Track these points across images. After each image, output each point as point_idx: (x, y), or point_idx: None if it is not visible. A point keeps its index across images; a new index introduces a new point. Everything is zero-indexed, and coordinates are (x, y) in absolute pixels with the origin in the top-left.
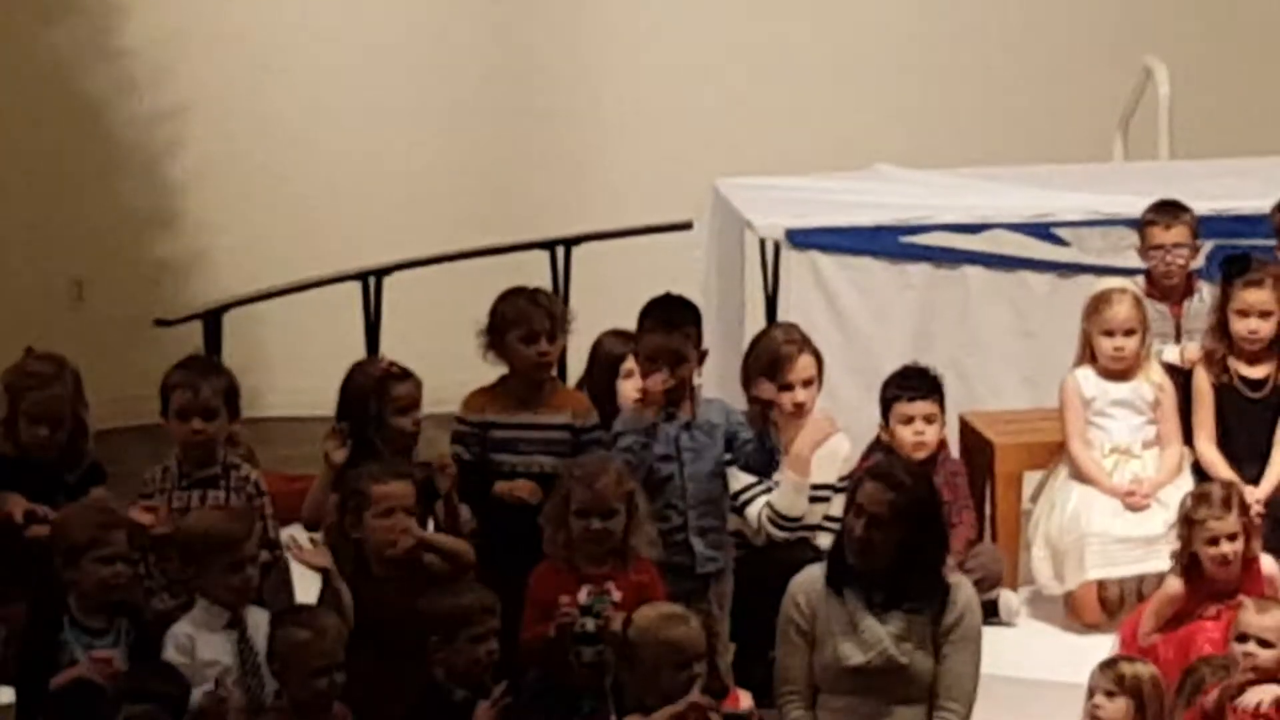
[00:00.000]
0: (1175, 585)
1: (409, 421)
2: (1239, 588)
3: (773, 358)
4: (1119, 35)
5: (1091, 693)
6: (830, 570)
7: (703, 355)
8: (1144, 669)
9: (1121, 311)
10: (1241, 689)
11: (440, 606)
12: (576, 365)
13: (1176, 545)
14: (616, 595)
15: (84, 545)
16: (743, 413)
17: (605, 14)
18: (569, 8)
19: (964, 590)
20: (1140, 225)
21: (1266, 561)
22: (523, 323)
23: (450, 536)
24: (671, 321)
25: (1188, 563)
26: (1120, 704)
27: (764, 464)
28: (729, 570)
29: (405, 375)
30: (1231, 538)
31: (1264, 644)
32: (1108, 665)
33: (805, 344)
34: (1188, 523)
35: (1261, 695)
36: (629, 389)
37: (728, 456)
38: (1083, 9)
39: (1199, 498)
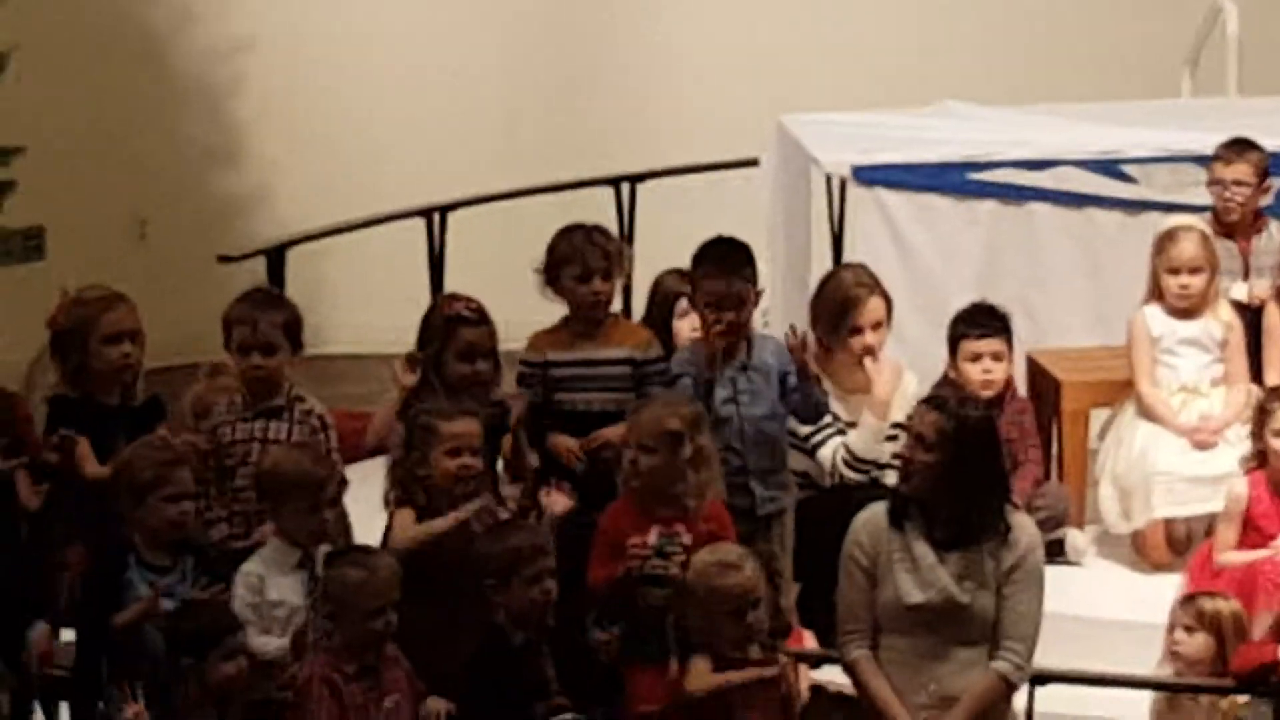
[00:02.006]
0: (1241, 485)
1: (469, 368)
2: None
3: (843, 300)
4: None
5: (1171, 628)
6: (892, 507)
7: (758, 295)
8: (1225, 604)
9: (1188, 249)
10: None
11: (493, 549)
12: (641, 302)
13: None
14: (687, 538)
15: (149, 484)
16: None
17: None
18: None
19: (1027, 529)
20: (1207, 164)
21: None
22: (577, 260)
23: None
24: (729, 266)
25: (1256, 463)
26: (1200, 640)
27: (810, 412)
28: (790, 511)
29: (478, 320)
30: None
31: None
32: (1188, 600)
33: (875, 286)
34: (1260, 413)
35: None
36: (685, 328)
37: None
38: None
39: (1273, 392)
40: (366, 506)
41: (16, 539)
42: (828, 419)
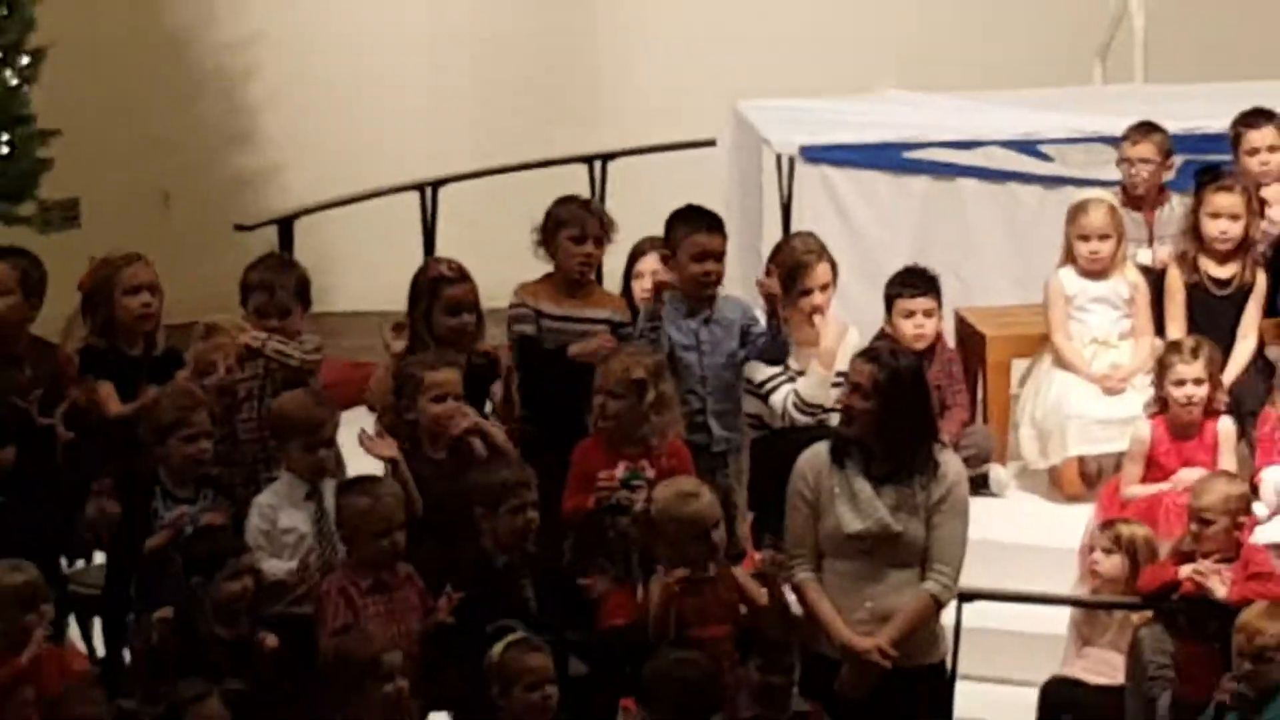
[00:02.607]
0: (1145, 428)
1: (455, 321)
2: (1199, 435)
3: (793, 265)
4: None
5: (1090, 549)
6: (834, 445)
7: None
8: (1139, 529)
9: (1097, 218)
10: (1191, 555)
11: (482, 481)
12: (611, 267)
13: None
14: (650, 472)
15: (171, 425)
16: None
17: None
18: None
19: (953, 465)
20: (1116, 144)
21: (1224, 422)
22: (575, 224)
23: (497, 427)
24: (713, 225)
25: (1158, 408)
26: (1115, 560)
27: (778, 352)
28: (744, 448)
29: (459, 279)
30: (1197, 382)
31: (1205, 522)
32: (1106, 525)
33: (822, 253)
34: (1160, 366)
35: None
36: (639, 289)
37: (743, 352)
38: None
39: (1171, 346)
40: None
41: (55, 478)
42: (779, 369)
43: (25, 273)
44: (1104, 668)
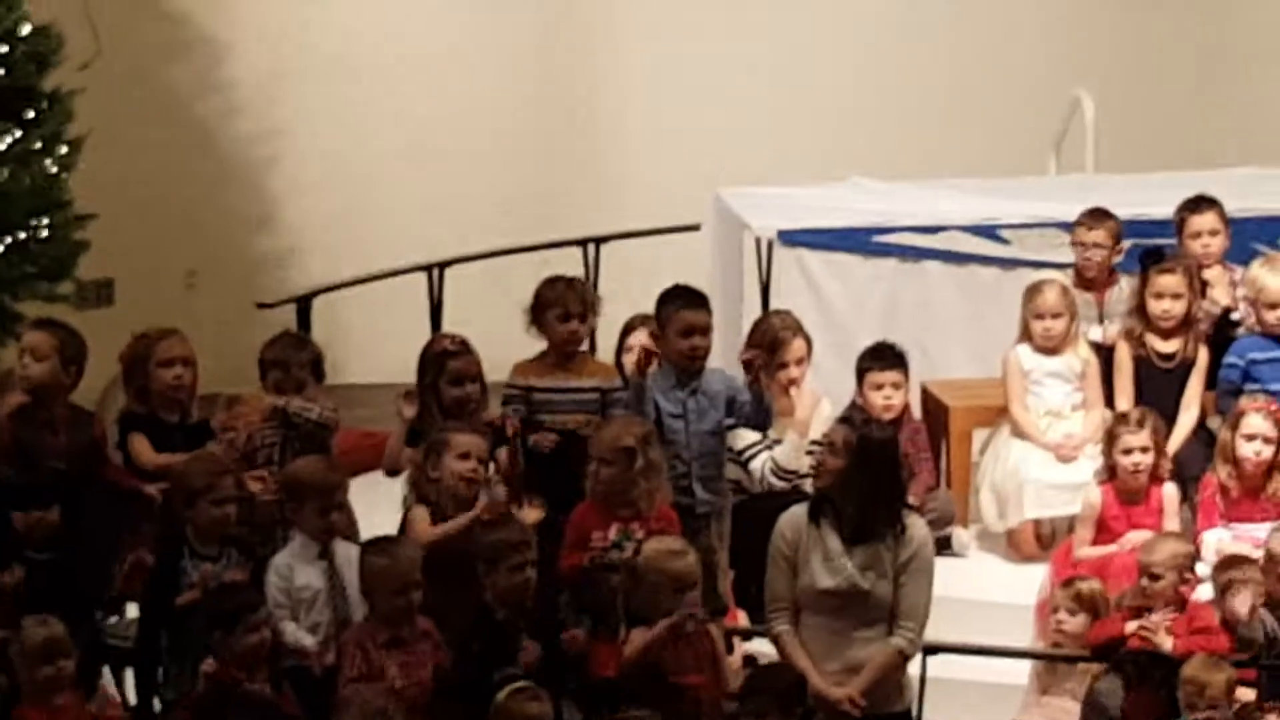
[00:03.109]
0: (1095, 493)
1: (460, 391)
2: (1146, 500)
3: (771, 341)
4: (1052, 71)
5: (1054, 609)
6: (811, 508)
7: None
8: (1095, 584)
9: (1050, 298)
10: (1138, 610)
11: (485, 540)
12: (605, 341)
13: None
14: (640, 534)
15: (199, 490)
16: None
17: (627, 53)
18: (599, 49)
19: (919, 528)
20: (1069, 229)
21: (1169, 488)
22: (559, 304)
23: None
24: (698, 302)
25: (1107, 475)
26: (1081, 619)
27: (762, 418)
28: (727, 511)
29: (462, 352)
30: (1143, 451)
31: (1154, 577)
32: (1067, 584)
33: (798, 329)
34: (1109, 436)
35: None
36: (629, 360)
37: (729, 421)
38: (1023, 50)
39: (1120, 417)
40: (370, 507)
41: (91, 538)
42: (757, 437)
43: (63, 342)
44: (1062, 715)
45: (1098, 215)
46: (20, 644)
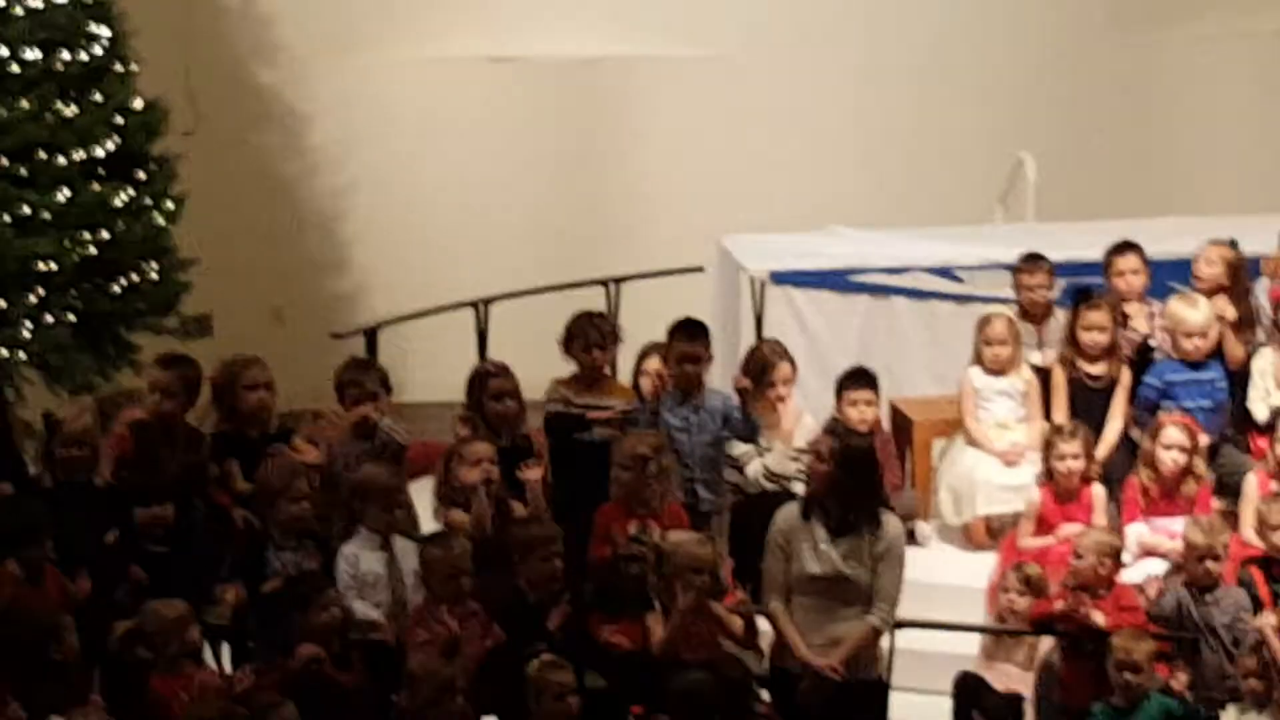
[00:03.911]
0: (1036, 494)
1: (501, 406)
2: (1078, 499)
3: (762, 364)
4: (999, 135)
5: (1005, 590)
6: (803, 505)
7: (710, 359)
8: (1037, 569)
9: (998, 328)
10: (1071, 588)
11: (519, 535)
12: (625, 363)
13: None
14: (655, 530)
15: (279, 490)
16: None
17: (642, 122)
18: (617, 119)
19: (893, 525)
20: (1013, 270)
21: (1097, 488)
22: (581, 335)
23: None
24: (694, 334)
25: (1046, 478)
26: (1028, 600)
27: (749, 434)
28: (725, 509)
29: (502, 373)
30: (1075, 457)
31: (1079, 557)
32: (1017, 568)
33: (785, 354)
34: (1046, 444)
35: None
36: (645, 384)
37: (725, 434)
38: (974, 118)
39: (1056, 428)
40: (426, 507)
41: (201, 537)
42: (751, 447)
43: (188, 378)
44: (1005, 679)
45: (1034, 260)
46: (152, 621)
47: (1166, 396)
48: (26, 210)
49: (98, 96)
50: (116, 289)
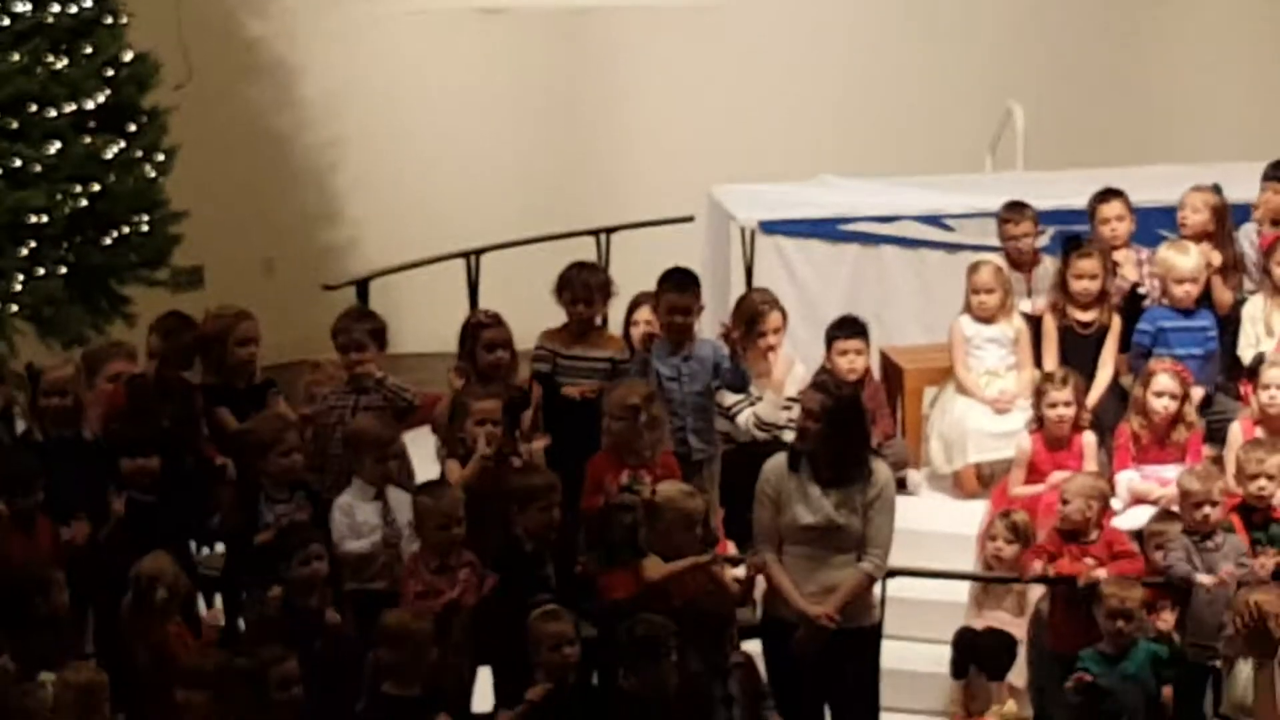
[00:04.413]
0: (1026, 440)
1: (493, 356)
2: (1069, 446)
3: (752, 313)
4: (988, 84)
5: (993, 538)
6: (790, 456)
7: (700, 309)
8: (1025, 517)
9: (985, 276)
10: (1059, 534)
11: (516, 484)
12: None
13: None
14: (647, 479)
15: (269, 443)
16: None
17: (630, 74)
18: (606, 71)
19: (883, 471)
20: (997, 219)
21: (1088, 435)
22: (569, 287)
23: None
24: (683, 284)
25: (1037, 425)
26: (1015, 548)
27: (739, 383)
28: (717, 457)
29: (494, 323)
30: (1066, 404)
31: (1065, 502)
32: (1004, 516)
33: (775, 303)
34: (1037, 392)
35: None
36: (635, 333)
37: (715, 383)
38: (964, 67)
39: (1046, 376)
40: (420, 458)
41: (189, 486)
42: (742, 396)
43: (187, 345)
44: (996, 623)
45: (1017, 208)
46: (141, 573)
47: (1159, 343)
48: (17, 163)
49: (88, 49)
50: (108, 241)
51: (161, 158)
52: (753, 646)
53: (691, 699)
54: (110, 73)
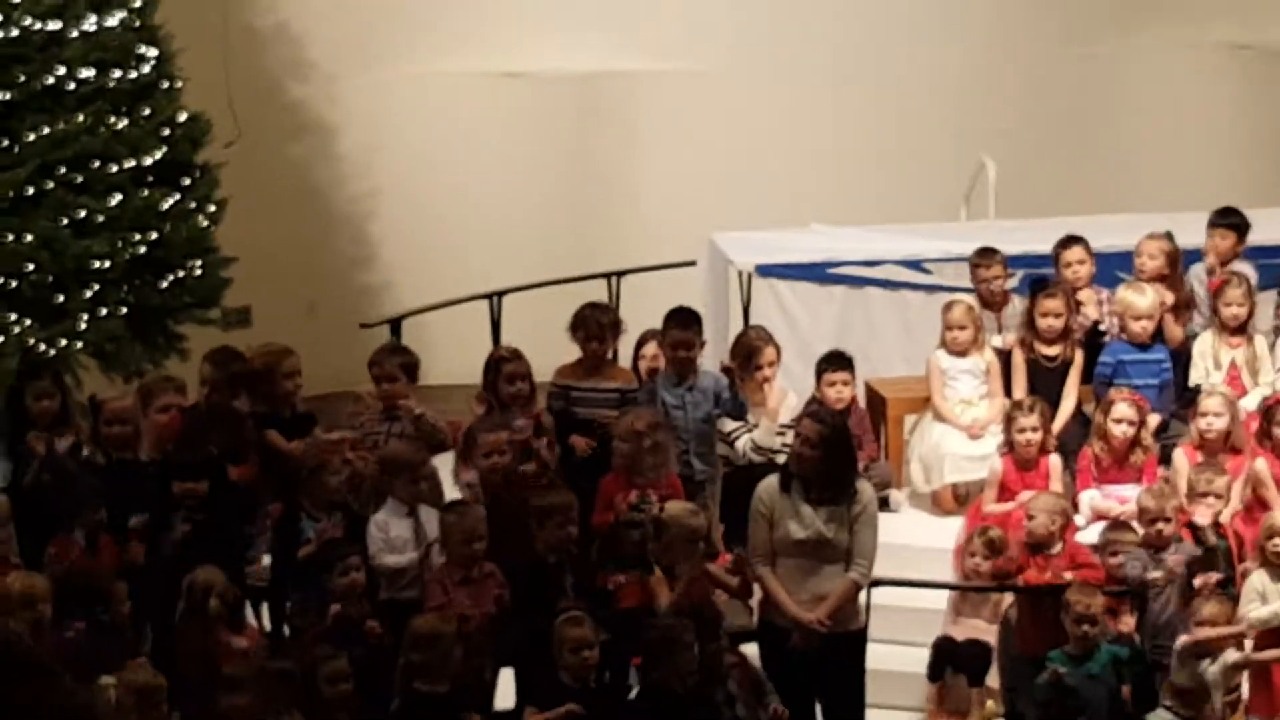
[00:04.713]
0: (998, 463)
1: (513, 388)
2: (1036, 468)
3: (749, 349)
4: (962, 140)
5: (971, 554)
6: (782, 477)
7: (703, 344)
8: (999, 532)
9: (958, 314)
10: (1026, 547)
11: (537, 504)
12: (625, 349)
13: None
14: (654, 498)
15: (315, 467)
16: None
17: (639, 132)
18: (618, 129)
19: (867, 490)
20: (970, 264)
21: (1054, 458)
22: (583, 327)
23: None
24: (686, 322)
25: (1007, 449)
26: (990, 563)
27: (738, 411)
28: (717, 478)
29: (514, 358)
30: (1034, 430)
31: (1031, 518)
32: (981, 533)
33: (769, 339)
34: (1007, 418)
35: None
36: (643, 366)
37: (716, 411)
38: (939, 125)
39: (1015, 404)
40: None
41: (237, 505)
42: (740, 423)
43: (236, 374)
44: (971, 630)
45: (988, 253)
46: (194, 585)
47: (1119, 374)
48: (82, 214)
49: (146, 111)
50: (164, 285)
51: (213, 209)
52: (750, 649)
53: (697, 702)
54: (166, 132)
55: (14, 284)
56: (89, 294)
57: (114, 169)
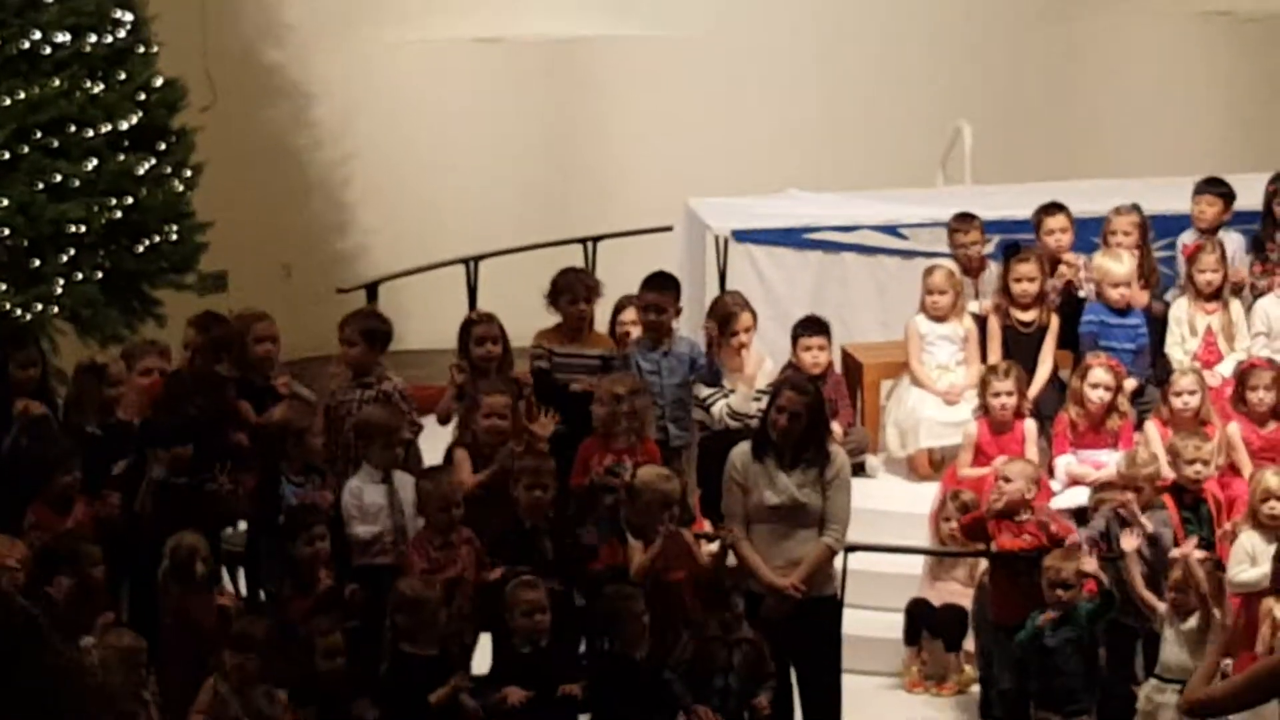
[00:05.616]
0: (973, 427)
1: (482, 350)
2: (1011, 432)
3: (725, 314)
4: (939, 105)
5: (946, 518)
6: (754, 443)
7: (679, 310)
8: (973, 496)
9: (939, 279)
10: (996, 511)
11: (517, 467)
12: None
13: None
14: (629, 463)
15: (304, 428)
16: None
17: (615, 96)
18: (593, 93)
19: (840, 455)
20: (948, 229)
21: (1029, 423)
22: (566, 290)
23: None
24: (662, 286)
25: (982, 413)
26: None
27: (714, 377)
28: (694, 444)
29: (484, 320)
30: (1009, 395)
31: (1007, 480)
32: (954, 496)
33: (745, 305)
34: (982, 383)
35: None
36: (620, 332)
37: (692, 377)
38: (917, 90)
39: (991, 368)
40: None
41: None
42: (716, 389)
43: (218, 338)
44: (946, 594)
45: (965, 219)
46: (176, 548)
47: (1100, 337)
48: (58, 179)
49: (122, 75)
50: (140, 249)
51: (189, 173)
52: None
53: (699, 660)
54: (142, 96)
55: None
56: (65, 259)
57: (89, 133)
